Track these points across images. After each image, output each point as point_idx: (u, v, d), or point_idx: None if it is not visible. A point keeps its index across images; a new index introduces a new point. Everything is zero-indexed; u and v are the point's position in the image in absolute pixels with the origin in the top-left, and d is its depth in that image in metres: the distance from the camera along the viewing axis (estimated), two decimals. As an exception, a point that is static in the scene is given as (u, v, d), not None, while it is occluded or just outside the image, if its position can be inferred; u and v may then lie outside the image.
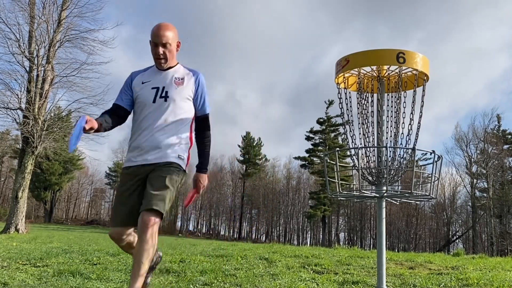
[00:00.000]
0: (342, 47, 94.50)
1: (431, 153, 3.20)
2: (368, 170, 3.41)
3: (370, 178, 3.41)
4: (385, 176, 3.26)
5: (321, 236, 50.23)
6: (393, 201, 3.57)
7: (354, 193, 3.60)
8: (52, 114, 20.04)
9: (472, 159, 42.67)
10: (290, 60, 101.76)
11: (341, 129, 45.67)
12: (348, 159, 24.40)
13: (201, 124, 2.80)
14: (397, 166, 3.34)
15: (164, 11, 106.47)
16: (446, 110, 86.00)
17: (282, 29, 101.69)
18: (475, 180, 42.92)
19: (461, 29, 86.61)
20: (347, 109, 3.56)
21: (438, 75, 76.14)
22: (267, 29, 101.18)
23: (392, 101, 3.58)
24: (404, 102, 3.47)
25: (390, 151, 3.35)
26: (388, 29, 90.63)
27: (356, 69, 3.50)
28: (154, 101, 2.65)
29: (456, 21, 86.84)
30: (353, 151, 3.44)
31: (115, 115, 2.72)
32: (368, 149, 3.46)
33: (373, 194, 3.39)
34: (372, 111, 3.56)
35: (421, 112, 3.39)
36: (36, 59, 18.12)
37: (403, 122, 3.39)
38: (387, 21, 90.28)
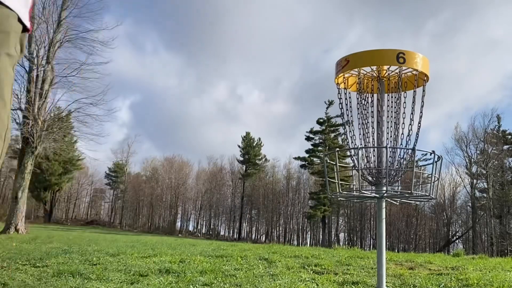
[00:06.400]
0: (351, 41, 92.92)
1: (431, 154, 3.20)
2: (368, 170, 3.41)
3: (370, 178, 3.41)
4: (385, 176, 3.26)
5: (321, 237, 50.22)
6: (393, 202, 3.57)
7: (354, 193, 3.60)
8: (52, 114, 20.04)
9: (472, 160, 42.67)
10: (295, 56, 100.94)
11: (341, 130, 45.77)
12: (348, 160, 24.39)
13: None
14: (397, 167, 3.34)
15: (166, 4, 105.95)
16: (459, 106, 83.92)
17: (288, 23, 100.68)
18: (475, 181, 42.92)
19: (475, 20, 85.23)
20: (347, 110, 3.56)
21: (450, 69, 75.25)
22: (271, 24, 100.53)
23: (392, 102, 3.58)
24: (404, 102, 3.47)
25: (390, 152, 3.35)
26: (400, 20, 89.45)
27: (356, 69, 3.50)
28: None
29: (470, 11, 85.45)
30: (353, 152, 3.44)
31: None
32: (368, 149, 3.46)
33: (373, 195, 3.39)
34: (372, 112, 3.56)
35: (421, 112, 3.39)
36: (36, 59, 18.13)
37: (403, 123, 3.39)
38: (398, 12, 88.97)
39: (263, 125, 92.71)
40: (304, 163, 50.48)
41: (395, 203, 3.63)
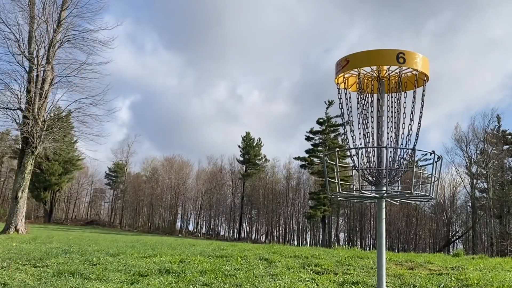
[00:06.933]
0: (351, 41, 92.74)
1: (431, 154, 3.20)
2: (368, 170, 3.41)
3: (370, 178, 3.41)
4: (385, 176, 3.26)
5: (321, 237, 50.20)
6: (393, 202, 3.57)
7: (354, 193, 3.60)
8: (52, 114, 20.04)
9: (472, 160, 42.63)
10: (295, 56, 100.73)
11: (341, 130, 45.74)
12: (348, 160, 24.30)
13: None
14: (397, 167, 3.33)
15: (166, 4, 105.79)
16: (459, 106, 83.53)
17: (288, 23, 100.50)
18: (475, 181, 42.89)
19: (475, 20, 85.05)
20: (347, 110, 3.56)
21: (450, 69, 74.99)
22: (271, 24, 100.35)
23: (392, 102, 3.58)
24: (404, 102, 3.47)
25: (390, 152, 3.35)
26: (400, 20, 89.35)
27: (356, 70, 3.50)
28: None
29: (470, 11, 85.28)
30: (353, 151, 3.44)
31: None
32: (368, 149, 3.46)
33: (373, 195, 3.39)
34: (372, 112, 3.56)
35: (421, 112, 3.39)
36: (36, 59, 18.12)
37: (403, 123, 3.39)
38: (398, 11, 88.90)
39: (263, 125, 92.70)
40: (304, 163, 50.44)
41: (395, 203, 3.62)
